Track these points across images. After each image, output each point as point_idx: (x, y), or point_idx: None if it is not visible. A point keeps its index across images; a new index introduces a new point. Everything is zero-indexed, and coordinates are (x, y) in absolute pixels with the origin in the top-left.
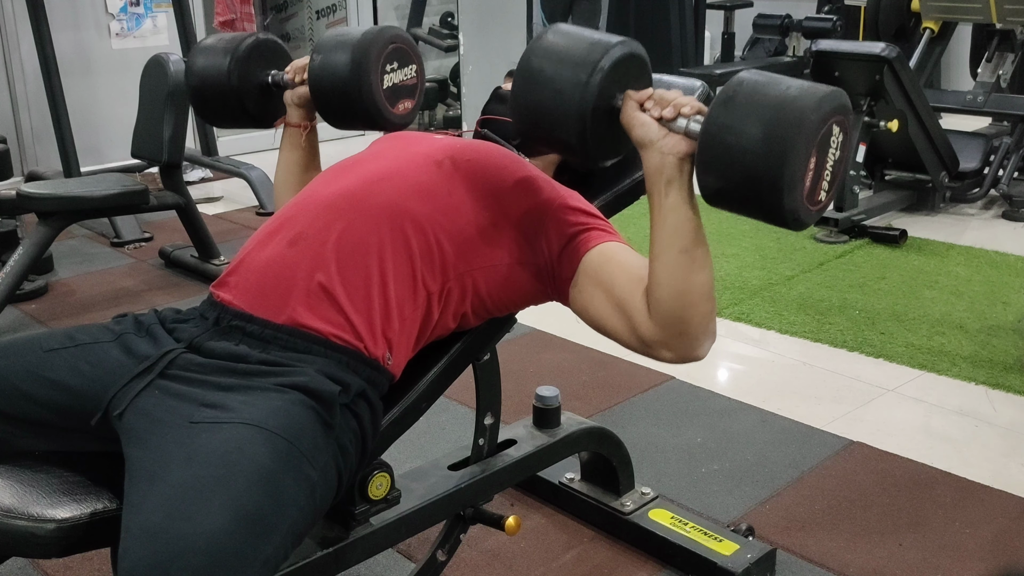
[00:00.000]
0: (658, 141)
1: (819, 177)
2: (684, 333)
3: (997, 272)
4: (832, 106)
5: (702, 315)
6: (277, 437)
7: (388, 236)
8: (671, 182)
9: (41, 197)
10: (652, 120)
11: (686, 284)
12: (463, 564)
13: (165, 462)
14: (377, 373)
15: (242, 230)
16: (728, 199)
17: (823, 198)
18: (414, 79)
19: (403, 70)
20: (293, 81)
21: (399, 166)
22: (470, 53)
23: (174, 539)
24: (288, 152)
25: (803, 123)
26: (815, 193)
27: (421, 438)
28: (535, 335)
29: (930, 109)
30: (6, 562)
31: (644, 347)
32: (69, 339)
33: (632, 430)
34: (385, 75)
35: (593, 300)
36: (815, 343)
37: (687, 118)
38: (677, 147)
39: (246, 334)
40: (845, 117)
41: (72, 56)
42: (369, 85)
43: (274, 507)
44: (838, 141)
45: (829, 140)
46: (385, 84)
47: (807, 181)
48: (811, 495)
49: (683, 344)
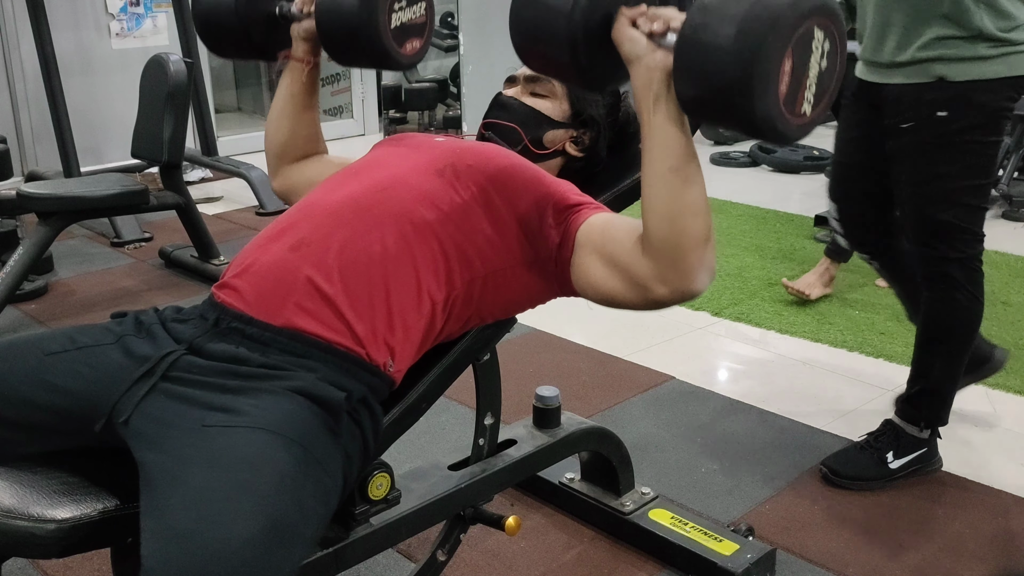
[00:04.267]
0: (645, 56)
1: (799, 84)
2: (679, 261)
3: (997, 272)
4: (812, 4)
5: (696, 238)
6: (293, 443)
7: (392, 245)
8: (659, 98)
9: (41, 197)
10: (641, 35)
11: (678, 204)
12: (463, 564)
13: (185, 465)
14: (378, 379)
15: (242, 230)
16: (703, 107)
17: (807, 111)
18: (423, 17)
19: (412, 7)
20: (301, 13)
21: (403, 174)
22: (470, 53)
23: (206, 544)
24: (288, 86)
25: (777, 19)
26: (795, 102)
27: (421, 438)
28: (535, 335)
29: None
30: (6, 562)
31: (641, 291)
32: (70, 341)
33: (632, 430)
34: (393, 13)
35: (590, 268)
36: (815, 343)
37: (677, 33)
38: (663, 62)
39: (245, 336)
40: (831, 21)
41: (72, 56)
42: (376, 24)
43: (299, 514)
44: (823, 47)
45: (810, 44)
46: (393, 23)
47: (783, 85)
48: (811, 495)
49: (678, 276)
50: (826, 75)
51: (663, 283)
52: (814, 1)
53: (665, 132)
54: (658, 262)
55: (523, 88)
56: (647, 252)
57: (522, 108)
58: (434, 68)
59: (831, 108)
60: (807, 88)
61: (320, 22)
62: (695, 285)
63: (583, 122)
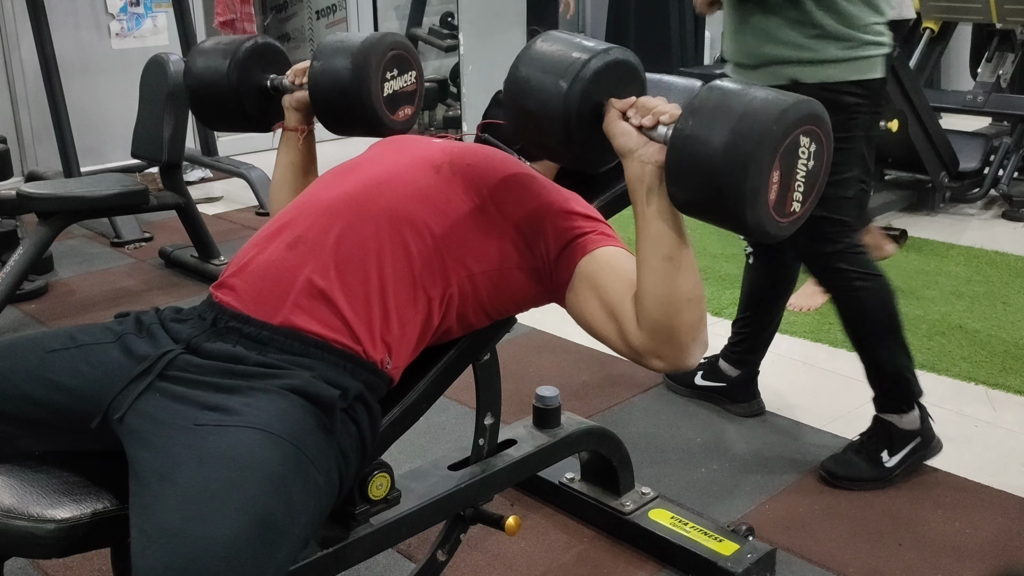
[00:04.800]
0: (637, 150)
1: (788, 189)
2: (672, 340)
3: (997, 272)
4: (796, 116)
5: (689, 322)
6: (284, 442)
7: (387, 241)
8: (651, 190)
9: (41, 197)
10: (632, 129)
11: (672, 291)
12: (463, 564)
13: (174, 464)
14: (375, 377)
15: (242, 230)
16: (694, 211)
17: (796, 210)
18: (413, 85)
19: (403, 77)
20: (293, 85)
21: (398, 170)
22: (470, 53)
23: (192, 541)
24: (285, 155)
25: (764, 135)
26: (785, 205)
27: (421, 438)
28: (535, 335)
29: (930, 109)
30: (6, 562)
31: (635, 355)
32: (71, 340)
33: (632, 430)
34: (385, 83)
35: (587, 305)
36: (815, 343)
37: (667, 127)
38: (655, 156)
39: (243, 335)
40: (816, 127)
41: (72, 56)
42: (369, 94)
43: (286, 513)
44: (809, 151)
45: (797, 151)
46: (385, 92)
47: (772, 194)
48: (811, 495)
49: (672, 352)
50: (812, 175)
51: (657, 358)
52: (798, 113)
53: (659, 223)
54: (652, 338)
55: None
56: (642, 325)
57: None
58: (434, 68)
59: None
60: (795, 190)
61: (314, 94)
62: (688, 361)
63: None
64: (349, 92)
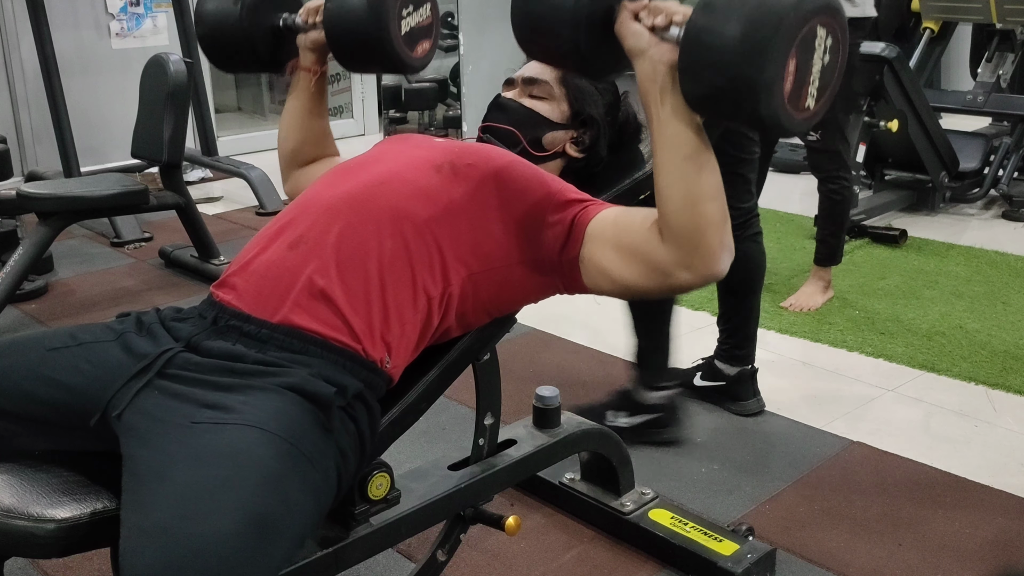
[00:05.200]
0: (649, 50)
1: (803, 82)
2: (700, 246)
3: (997, 272)
4: (814, 5)
5: (715, 223)
6: (280, 439)
7: (388, 240)
8: (664, 90)
9: (41, 197)
10: (644, 29)
11: (695, 190)
12: (463, 564)
13: (170, 461)
14: (375, 376)
15: (242, 230)
16: (708, 106)
17: (811, 105)
18: (429, 18)
19: (418, 11)
20: (307, 24)
21: (399, 169)
22: (470, 53)
23: (186, 539)
24: (296, 99)
25: (781, 22)
26: (799, 99)
27: (421, 438)
28: (535, 335)
29: (930, 109)
30: (6, 562)
31: (664, 278)
32: (71, 338)
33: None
34: (403, 20)
35: (604, 260)
36: (815, 343)
37: (679, 26)
38: (667, 56)
39: (243, 334)
40: (832, 19)
41: (72, 56)
42: (389, 34)
43: (282, 510)
44: (825, 44)
45: (813, 42)
46: (403, 30)
47: (788, 84)
48: (811, 495)
49: (701, 259)
50: (828, 70)
51: (687, 268)
52: (817, 1)
53: (675, 123)
54: (679, 248)
55: (521, 90)
56: (667, 240)
57: (520, 110)
58: (434, 68)
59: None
60: (811, 84)
61: (331, 33)
62: (719, 266)
63: (583, 122)
64: (368, 33)
